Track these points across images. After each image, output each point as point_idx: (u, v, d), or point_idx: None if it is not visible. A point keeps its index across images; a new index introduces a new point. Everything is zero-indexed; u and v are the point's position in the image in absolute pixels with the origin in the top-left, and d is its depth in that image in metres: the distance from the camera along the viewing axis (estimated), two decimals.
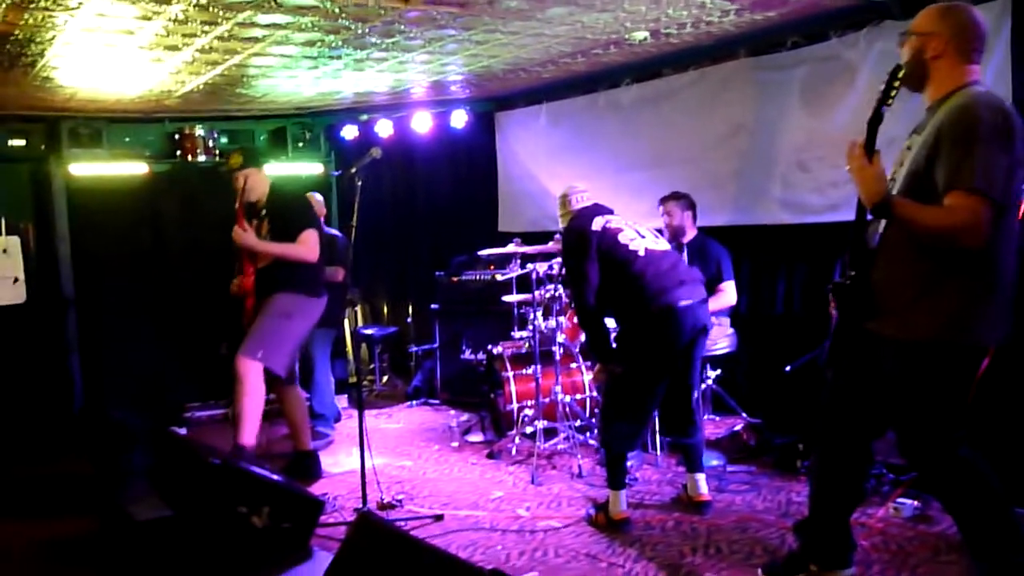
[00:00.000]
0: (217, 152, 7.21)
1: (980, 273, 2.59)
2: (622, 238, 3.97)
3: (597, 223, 4.02)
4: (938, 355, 2.63)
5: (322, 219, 6.05)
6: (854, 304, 2.76)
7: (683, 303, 3.79)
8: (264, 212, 4.74)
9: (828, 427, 3.00)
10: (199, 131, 7.07)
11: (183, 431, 6.13)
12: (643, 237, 4.02)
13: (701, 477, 4.10)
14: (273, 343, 4.56)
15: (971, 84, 2.67)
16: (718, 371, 5.07)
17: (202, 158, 7.08)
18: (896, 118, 2.78)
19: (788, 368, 4.55)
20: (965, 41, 2.69)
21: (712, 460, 4.53)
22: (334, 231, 6.01)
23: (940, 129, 2.57)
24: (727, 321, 5.20)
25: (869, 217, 2.74)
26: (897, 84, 2.62)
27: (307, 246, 4.61)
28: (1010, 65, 4.10)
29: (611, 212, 4.19)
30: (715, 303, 5.02)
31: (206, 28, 4.39)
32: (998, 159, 2.49)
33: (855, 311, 2.76)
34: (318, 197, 6.15)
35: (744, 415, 5.08)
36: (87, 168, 6.67)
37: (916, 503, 3.76)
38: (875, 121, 2.64)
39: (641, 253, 3.92)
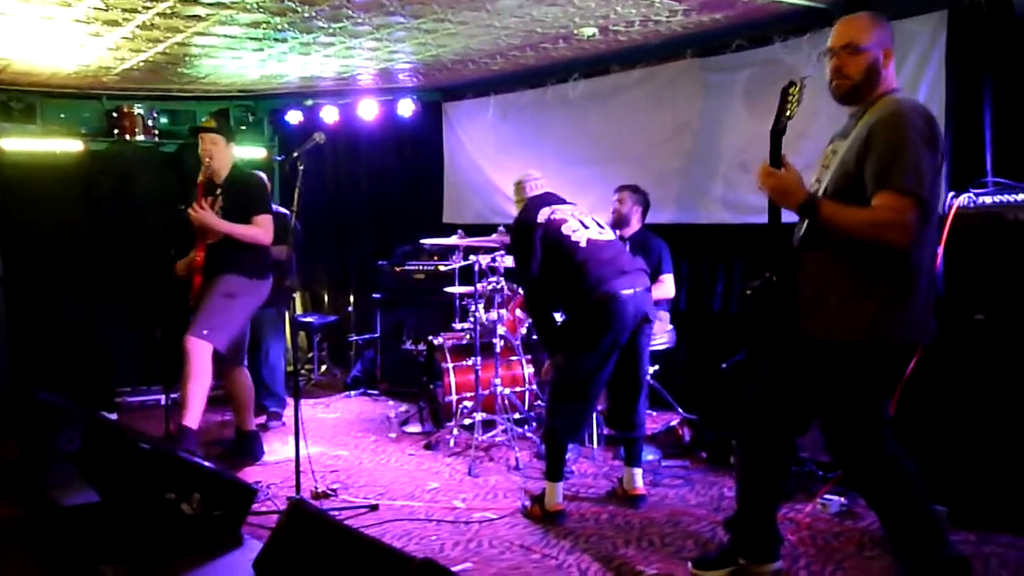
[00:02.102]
0: (156, 132, 7.05)
1: (903, 273, 2.66)
2: (565, 229, 3.99)
3: (542, 214, 4.04)
4: (863, 354, 2.70)
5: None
6: (774, 305, 2.82)
7: (624, 292, 3.83)
8: (220, 190, 4.68)
9: (751, 424, 3.07)
10: (138, 110, 6.90)
11: (114, 416, 5.98)
12: (587, 228, 4.04)
13: (638, 471, 4.14)
14: (218, 323, 4.55)
15: (895, 91, 2.78)
16: (656, 367, 5.12)
17: (140, 138, 6.92)
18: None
19: (724, 365, 4.63)
20: (893, 46, 2.78)
21: (648, 455, 4.58)
22: (282, 209, 5.94)
23: (871, 132, 2.64)
24: (667, 317, 5.27)
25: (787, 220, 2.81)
26: (791, 100, 2.75)
27: (262, 228, 4.61)
28: (943, 77, 4.22)
29: (561, 201, 4.22)
30: (656, 293, 5.09)
31: (147, 4, 4.28)
32: (925, 162, 2.58)
33: (775, 312, 2.82)
34: (263, 176, 6.05)
35: (680, 411, 5.15)
36: (19, 143, 6.48)
37: (843, 499, 3.86)
38: (777, 134, 2.75)
39: (583, 244, 3.94)
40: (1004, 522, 3.51)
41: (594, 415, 4.85)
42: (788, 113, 2.75)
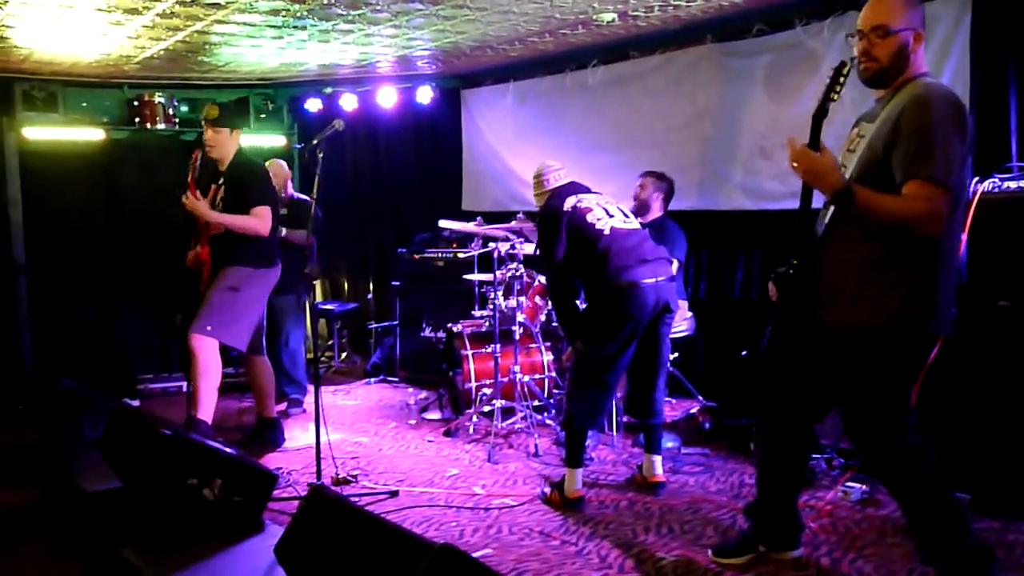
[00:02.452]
0: (177, 121, 7.08)
1: (928, 263, 2.63)
2: (590, 217, 3.99)
3: (569, 203, 4.04)
4: (886, 343, 2.67)
5: (288, 183, 6.00)
6: (797, 292, 2.79)
7: (646, 281, 3.82)
8: (223, 179, 4.66)
9: (771, 411, 3.05)
10: (159, 98, 6.93)
11: (136, 403, 6.04)
12: (611, 216, 4.03)
13: (657, 458, 4.14)
14: (222, 317, 4.51)
15: (924, 75, 2.71)
16: (676, 354, 5.11)
17: (161, 126, 6.96)
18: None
19: (744, 353, 4.61)
20: (923, 30, 2.72)
21: (667, 442, 4.57)
22: (302, 196, 5.96)
23: (899, 118, 2.59)
24: (685, 305, 5.24)
25: (815, 206, 2.77)
26: (842, 80, 2.63)
27: (259, 219, 4.54)
28: (968, 60, 4.16)
29: (587, 191, 4.22)
30: None
31: None
32: (955, 150, 2.53)
33: (798, 299, 2.79)
34: (281, 162, 6.08)
35: (700, 398, 5.13)
36: (41, 132, 6.53)
37: (864, 487, 3.83)
38: (820, 116, 2.66)
39: (606, 231, 3.93)
40: None
41: (614, 402, 4.84)
42: (835, 95, 2.64)
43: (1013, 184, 3.56)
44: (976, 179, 3.68)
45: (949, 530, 2.70)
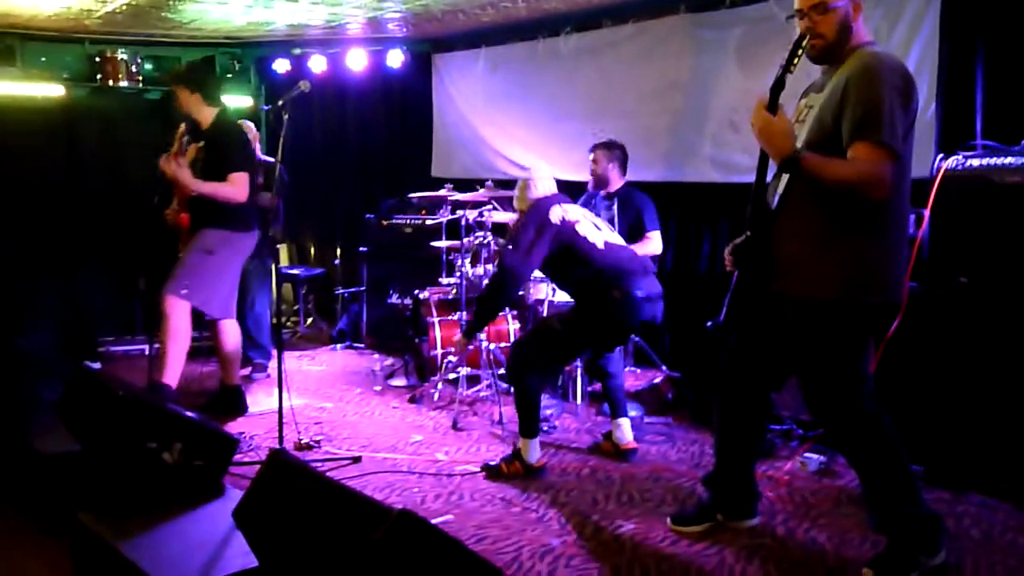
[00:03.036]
0: (140, 78, 6.92)
1: (879, 231, 2.69)
2: (580, 230, 3.99)
3: (555, 214, 4.00)
4: (839, 312, 2.72)
5: (256, 145, 5.91)
6: (752, 263, 2.82)
7: (640, 293, 3.88)
8: (202, 140, 4.56)
9: (728, 381, 3.09)
10: (121, 55, 6.78)
11: (96, 365, 5.97)
12: (599, 230, 4.08)
13: (625, 422, 4.18)
14: (197, 279, 4.47)
15: (870, 43, 2.76)
16: None
17: (124, 83, 6.82)
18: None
19: (709, 324, 4.63)
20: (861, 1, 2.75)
21: (631, 411, 4.60)
22: (268, 158, 5.87)
23: (847, 85, 2.63)
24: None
25: (768, 179, 2.80)
26: (800, 53, 2.68)
27: (236, 186, 4.46)
28: (937, 39, 4.18)
29: (568, 200, 4.20)
30: (642, 250, 5.08)
31: None
32: (899, 115, 2.58)
33: (753, 270, 2.83)
34: (249, 124, 5.98)
35: (664, 368, 5.18)
36: None
37: (822, 458, 3.90)
38: (778, 87, 2.69)
39: (601, 246, 3.98)
40: (978, 482, 3.57)
41: (578, 371, 4.87)
42: (793, 67, 2.68)
43: (976, 162, 3.60)
44: (940, 156, 3.72)
45: (901, 498, 2.76)
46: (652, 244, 5.12)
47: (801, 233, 2.75)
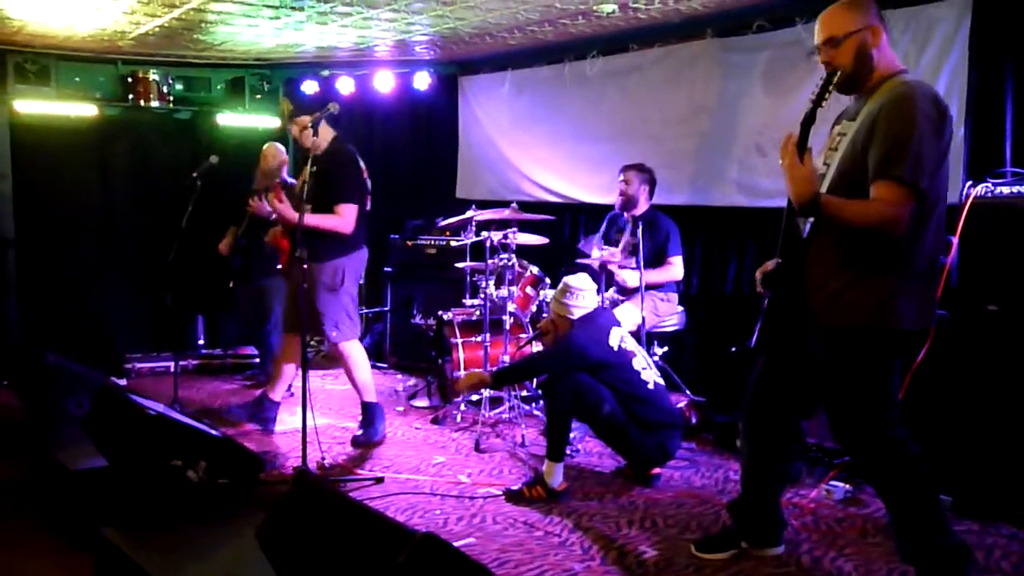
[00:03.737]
0: (171, 99, 7.03)
1: (907, 261, 2.66)
2: (636, 364, 4.09)
3: (614, 337, 4.07)
4: (868, 340, 2.70)
5: (285, 168, 5.99)
6: (783, 289, 2.81)
7: (667, 444, 4.07)
8: (315, 167, 4.46)
9: (756, 408, 3.06)
10: (153, 75, 6.88)
11: (122, 382, 6.03)
12: (648, 368, 4.15)
13: None
14: (338, 318, 4.58)
15: (903, 72, 2.74)
16: (665, 348, 5.12)
17: (155, 104, 6.91)
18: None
19: (733, 348, 4.61)
20: (882, 22, 2.74)
21: None
22: (294, 180, 5.94)
23: (878, 116, 2.61)
24: (676, 299, 5.25)
25: None
26: (832, 88, 2.64)
27: (343, 218, 4.46)
28: (966, 63, 4.16)
29: (616, 320, 4.26)
30: (662, 275, 5.11)
31: None
32: (930, 151, 2.56)
33: (784, 296, 2.81)
34: (278, 147, 6.07)
35: (688, 393, 5.14)
36: (33, 106, 6.48)
37: (848, 486, 3.85)
38: (808, 122, 2.67)
39: (651, 386, 4.07)
40: (1008, 514, 3.50)
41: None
42: (824, 102, 2.65)
43: (1006, 189, 3.56)
44: (969, 183, 3.68)
45: (929, 528, 2.72)
46: (674, 270, 5.12)
47: (830, 261, 2.74)
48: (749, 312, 5.00)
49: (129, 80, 6.86)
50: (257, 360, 6.38)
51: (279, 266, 4.93)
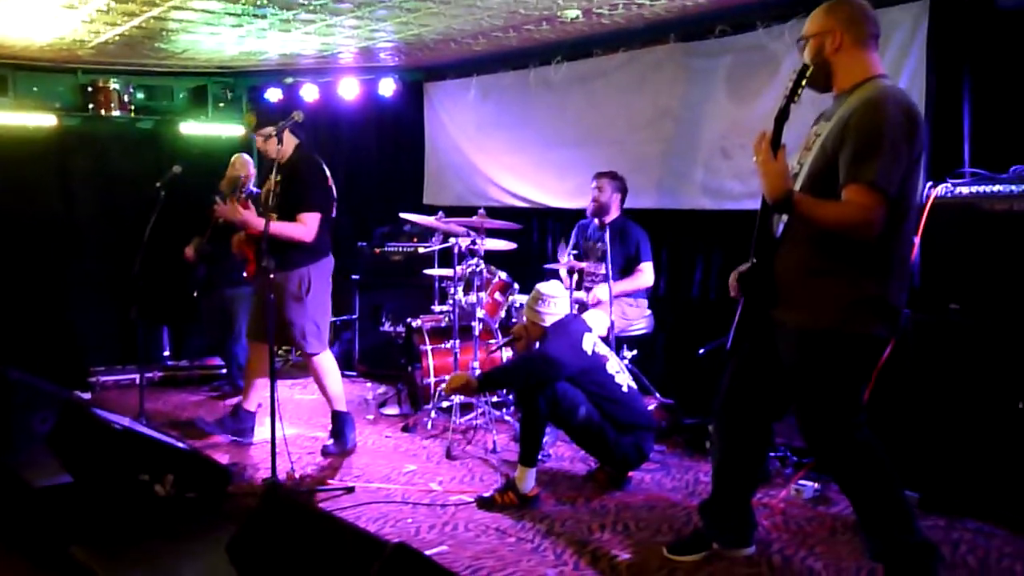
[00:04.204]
0: (133, 108, 6.94)
1: (878, 266, 2.69)
2: (609, 368, 4.11)
3: (587, 342, 4.09)
4: (837, 344, 2.72)
5: (251, 180, 5.93)
6: (756, 291, 2.83)
7: (643, 446, 4.09)
8: (279, 176, 4.45)
9: (728, 409, 3.09)
10: (114, 85, 6.80)
11: (87, 396, 5.93)
12: (621, 371, 4.18)
13: None
14: (308, 328, 4.52)
15: (879, 76, 2.76)
16: (634, 351, 5.14)
17: (116, 113, 6.82)
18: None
19: (702, 351, 4.64)
20: (858, 28, 2.78)
21: None
22: (258, 190, 5.89)
23: (849, 119, 2.64)
24: (645, 303, 5.28)
25: None
26: (804, 83, 2.68)
27: (306, 226, 4.41)
28: (924, 67, 4.23)
29: (588, 327, 4.27)
30: (632, 283, 5.14)
31: None
32: (900, 157, 2.58)
33: (757, 298, 2.84)
34: (246, 158, 6.01)
35: (657, 395, 5.16)
36: None
37: (816, 485, 3.89)
38: (781, 117, 2.68)
39: (625, 389, 4.11)
40: (973, 509, 3.56)
41: None
42: (797, 97, 2.67)
43: (965, 189, 3.63)
44: (929, 184, 3.75)
45: (896, 526, 2.75)
46: (644, 276, 5.16)
47: (802, 263, 2.76)
48: (716, 315, 5.06)
49: (89, 89, 6.77)
50: (224, 371, 6.30)
51: (244, 275, 4.87)
